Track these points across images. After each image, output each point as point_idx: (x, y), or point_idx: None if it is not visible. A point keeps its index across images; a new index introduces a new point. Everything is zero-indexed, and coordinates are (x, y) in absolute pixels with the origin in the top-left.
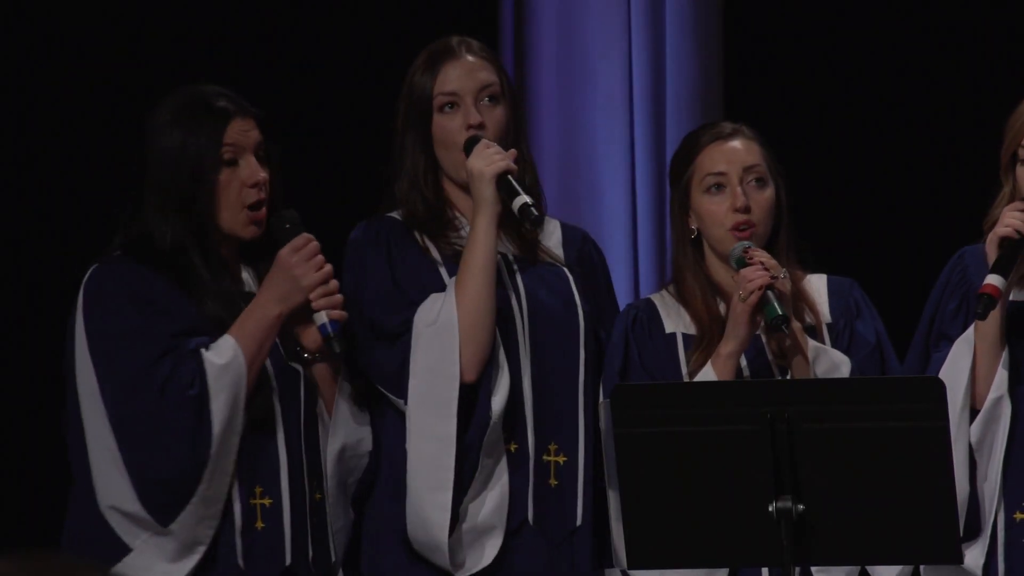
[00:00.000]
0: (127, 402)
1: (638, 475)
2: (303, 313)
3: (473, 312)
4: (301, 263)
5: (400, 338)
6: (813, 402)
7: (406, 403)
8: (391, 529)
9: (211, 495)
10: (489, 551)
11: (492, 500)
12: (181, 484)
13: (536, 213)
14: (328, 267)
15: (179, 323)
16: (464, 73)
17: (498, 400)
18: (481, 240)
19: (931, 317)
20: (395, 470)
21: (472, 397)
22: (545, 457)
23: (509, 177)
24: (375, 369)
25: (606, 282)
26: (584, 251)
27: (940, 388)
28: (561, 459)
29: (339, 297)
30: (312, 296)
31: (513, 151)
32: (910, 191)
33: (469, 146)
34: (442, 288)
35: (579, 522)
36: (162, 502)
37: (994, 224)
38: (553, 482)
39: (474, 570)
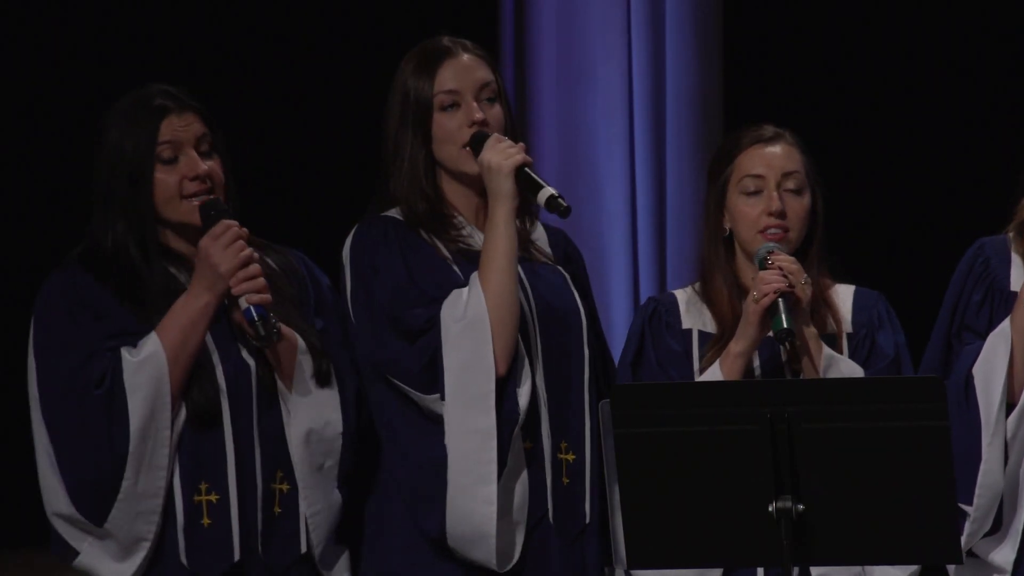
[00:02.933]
0: (57, 406)
1: (638, 475)
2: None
3: (501, 305)
4: (219, 250)
5: (424, 335)
6: (813, 402)
7: (441, 398)
8: (403, 535)
9: (141, 490)
10: (516, 548)
11: (515, 497)
12: (103, 482)
13: (564, 203)
14: (247, 251)
15: (113, 327)
16: (463, 71)
17: (523, 395)
18: (502, 232)
19: (952, 308)
20: (414, 474)
21: (500, 391)
22: (558, 455)
23: (527, 169)
24: (396, 367)
25: (587, 282)
26: (568, 251)
27: (940, 388)
28: (571, 457)
29: (261, 281)
30: (232, 282)
31: (523, 144)
32: (910, 191)
33: (477, 142)
34: (457, 284)
35: (588, 519)
36: (90, 502)
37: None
38: (565, 480)
39: (506, 567)
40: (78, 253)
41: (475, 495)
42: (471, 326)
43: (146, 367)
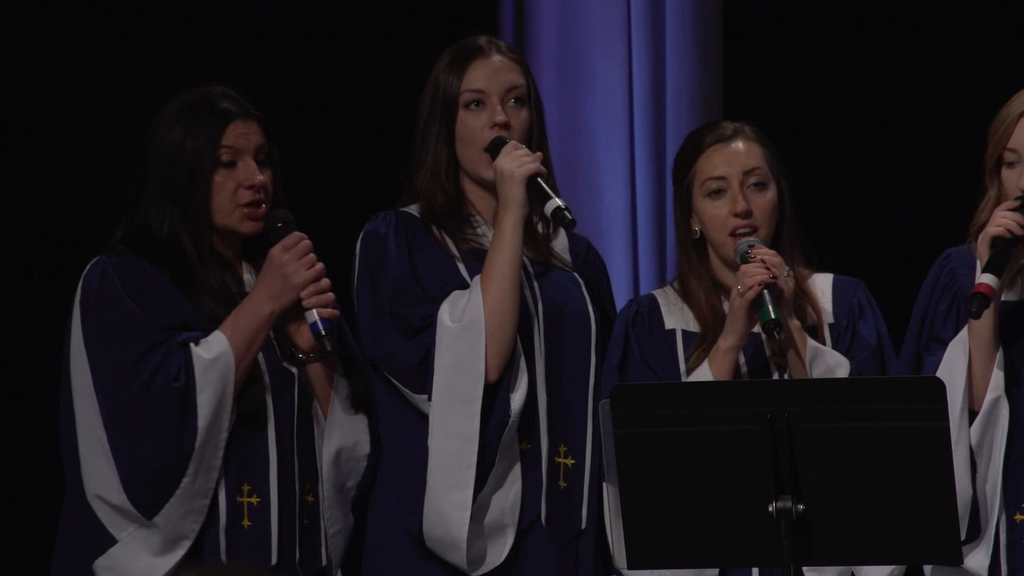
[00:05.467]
0: (117, 392)
1: (638, 475)
2: (296, 312)
3: (499, 311)
4: (292, 261)
5: (421, 332)
6: (813, 402)
7: (429, 399)
8: (397, 528)
9: (196, 489)
10: (502, 550)
11: (506, 499)
12: (165, 476)
13: (570, 216)
14: (319, 265)
15: (173, 316)
16: (492, 72)
17: (517, 399)
18: (508, 240)
19: (921, 319)
20: (404, 468)
21: (491, 395)
22: (556, 459)
23: (539, 180)
24: (392, 362)
25: (608, 289)
26: (589, 258)
27: (940, 388)
28: (570, 461)
29: (330, 296)
30: (303, 294)
31: (539, 154)
32: (907, 191)
33: (496, 147)
34: (460, 283)
35: (584, 525)
36: (146, 494)
37: (981, 227)
38: (562, 484)
39: (487, 569)
40: (125, 238)
41: (450, 499)
42: (466, 329)
43: (217, 366)
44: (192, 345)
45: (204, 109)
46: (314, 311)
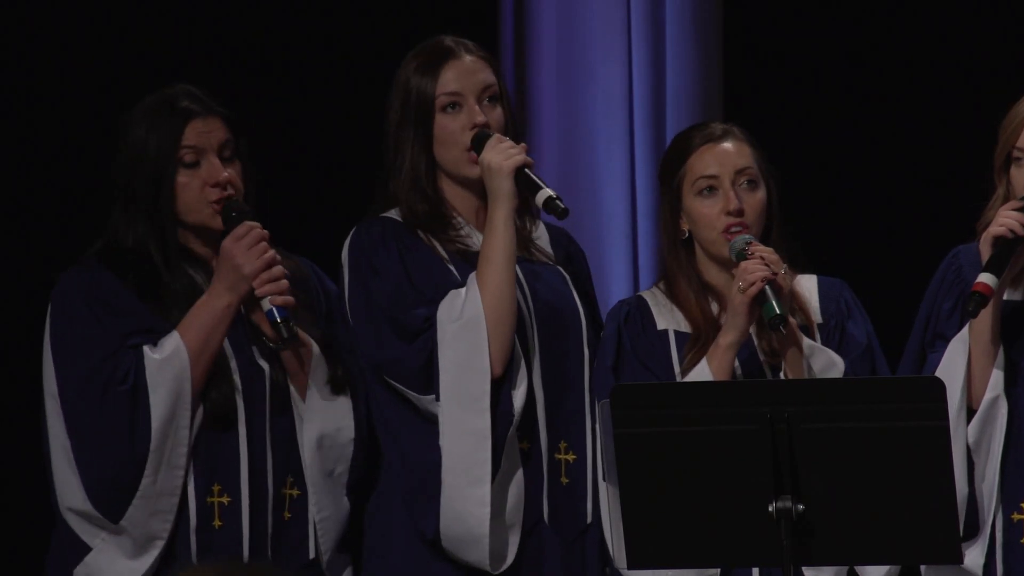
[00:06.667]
0: (77, 402)
1: (638, 475)
2: (258, 301)
3: (498, 306)
4: (243, 251)
5: (421, 335)
6: (813, 402)
7: (437, 399)
8: (405, 535)
9: (159, 489)
10: (510, 550)
11: (509, 498)
12: (122, 480)
13: (562, 205)
14: (271, 253)
15: (134, 323)
16: (466, 73)
17: (518, 396)
18: (501, 233)
19: (926, 317)
20: (413, 474)
21: (494, 393)
22: (556, 455)
23: (527, 171)
24: (395, 367)
25: (589, 281)
26: (571, 251)
27: (940, 388)
28: (571, 457)
29: (283, 283)
30: (255, 283)
31: (524, 145)
32: (908, 191)
33: (479, 142)
34: (453, 284)
35: (589, 520)
36: (108, 498)
37: (988, 225)
38: (564, 480)
39: (505, 566)
40: (97, 250)
41: (468, 497)
42: (467, 326)
43: (169, 365)
44: (145, 348)
45: (163, 110)
46: (267, 300)
